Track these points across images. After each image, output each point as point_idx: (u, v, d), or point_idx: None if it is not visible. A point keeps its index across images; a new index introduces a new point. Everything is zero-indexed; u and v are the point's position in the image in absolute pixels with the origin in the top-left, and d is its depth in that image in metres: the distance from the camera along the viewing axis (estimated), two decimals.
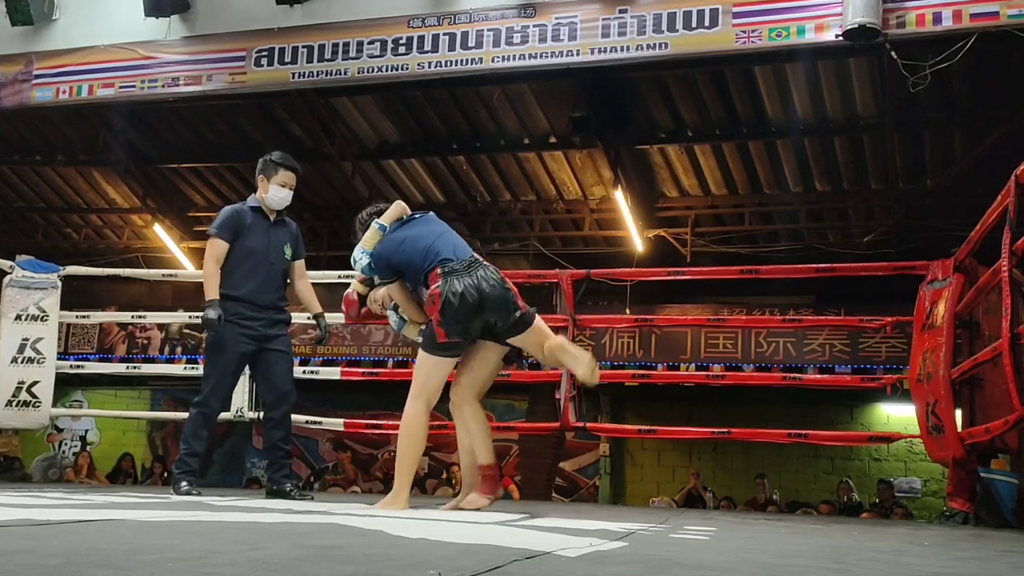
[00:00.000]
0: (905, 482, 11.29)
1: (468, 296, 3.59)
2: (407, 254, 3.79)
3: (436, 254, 3.73)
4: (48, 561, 1.45)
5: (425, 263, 3.73)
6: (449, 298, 3.57)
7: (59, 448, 13.49)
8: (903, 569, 2.10)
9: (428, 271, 3.70)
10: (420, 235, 3.84)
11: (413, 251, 3.78)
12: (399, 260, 3.83)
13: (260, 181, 4.67)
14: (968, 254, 5.18)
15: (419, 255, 3.76)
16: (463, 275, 3.65)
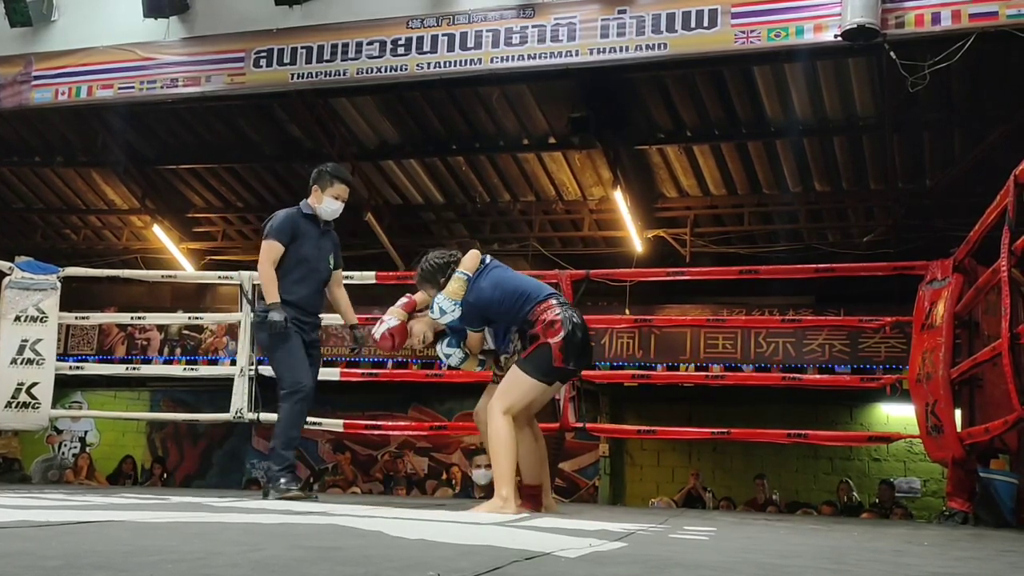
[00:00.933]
0: (905, 482, 11.29)
1: (582, 330, 3.87)
2: (498, 299, 3.92)
3: (537, 289, 3.95)
4: (47, 563, 1.45)
5: (524, 300, 3.89)
6: (574, 325, 3.81)
7: (59, 449, 13.48)
8: (903, 569, 2.10)
9: (535, 304, 3.87)
10: (504, 278, 4.02)
11: (504, 294, 3.92)
12: (492, 305, 3.94)
13: (314, 191, 4.78)
14: (967, 254, 5.18)
15: (513, 295, 3.92)
16: (574, 310, 3.92)
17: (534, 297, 3.90)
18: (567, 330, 3.77)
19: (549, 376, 3.84)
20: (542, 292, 3.94)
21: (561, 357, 3.77)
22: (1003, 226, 4.31)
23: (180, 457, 13.60)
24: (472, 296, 3.94)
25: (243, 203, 11.59)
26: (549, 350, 3.76)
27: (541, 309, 3.85)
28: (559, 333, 3.76)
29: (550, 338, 3.76)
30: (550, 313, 3.81)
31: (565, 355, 3.77)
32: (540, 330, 3.80)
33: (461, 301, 3.94)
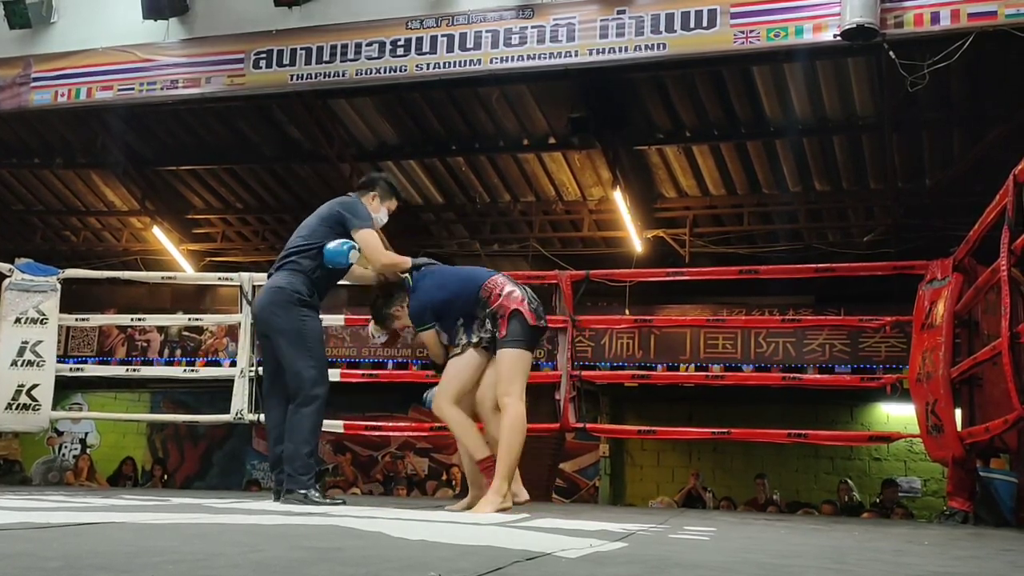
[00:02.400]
0: (905, 482, 11.30)
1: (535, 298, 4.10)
2: (453, 291, 4.12)
3: (481, 272, 4.20)
4: (48, 564, 1.45)
5: (472, 283, 4.10)
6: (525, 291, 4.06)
7: (59, 451, 13.48)
8: (903, 569, 2.10)
9: (483, 282, 4.07)
10: (445, 274, 4.28)
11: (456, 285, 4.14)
12: (449, 300, 4.12)
13: (371, 197, 4.51)
14: (967, 253, 5.18)
15: (462, 283, 4.14)
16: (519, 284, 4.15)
17: (481, 278, 4.12)
18: (525, 293, 4.03)
19: (530, 341, 4.02)
20: (485, 273, 4.18)
21: (533, 315, 3.96)
22: (1003, 225, 4.31)
23: (180, 458, 13.61)
24: (417, 297, 4.18)
25: (243, 204, 11.59)
26: (521, 314, 3.95)
27: (491, 285, 4.05)
28: (522, 300, 3.99)
29: (516, 304, 3.96)
30: (502, 286, 4.04)
31: (536, 313, 3.99)
32: (502, 302, 3.99)
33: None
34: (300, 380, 4.15)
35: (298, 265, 4.28)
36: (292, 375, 4.17)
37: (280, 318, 4.20)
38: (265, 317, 4.26)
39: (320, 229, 4.32)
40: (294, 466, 4.11)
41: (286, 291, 4.20)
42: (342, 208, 4.36)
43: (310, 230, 4.37)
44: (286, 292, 4.20)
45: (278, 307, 4.20)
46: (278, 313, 4.20)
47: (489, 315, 4.04)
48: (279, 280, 4.27)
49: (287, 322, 4.19)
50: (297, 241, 4.37)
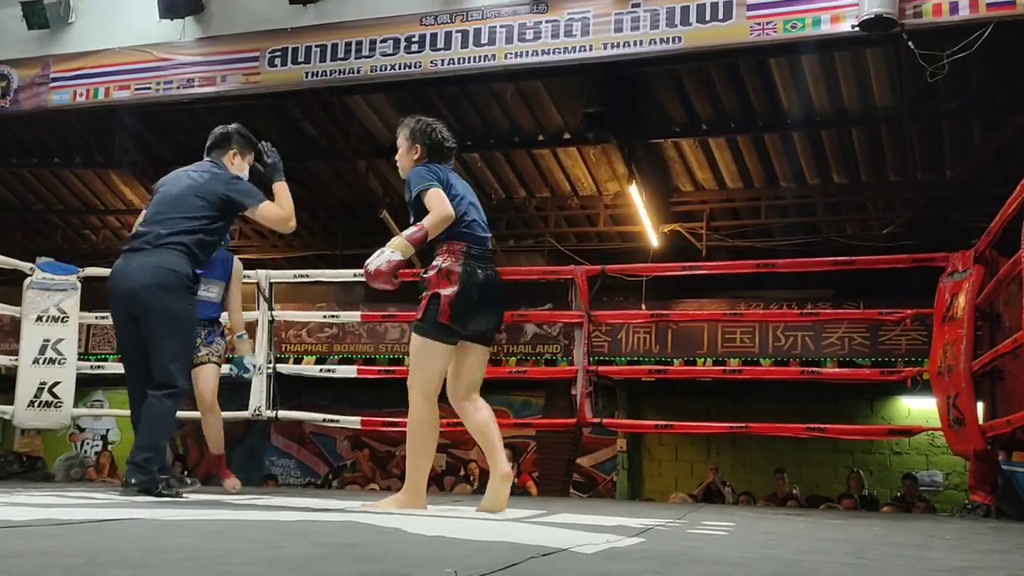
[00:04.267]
0: (927, 476, 11.22)
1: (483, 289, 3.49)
2: (453, 202, 3.54)
3: (469, 223, 3.57)
4: (69, 561, 1.46)
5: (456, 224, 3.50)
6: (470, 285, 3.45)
7: (81, 448, 13.59)
8: (924, 563, 2.09)
9: (451, 238, 3.50)
10: (460, 189, 3.65)
11: (459, 202, 3.57)
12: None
13: (232, 156, 4.41)
14: (988, 245, 5.14)
15: (459, 211, 3.54)
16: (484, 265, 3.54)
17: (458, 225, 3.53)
18: (462, 285, 3.45)
19: (444, 334, 3.50)
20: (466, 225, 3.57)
21: (449, 313, 3.43)
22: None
23: (200, 455, 13.68)
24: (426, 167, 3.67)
25: None
26: (436, 302, 3.45)
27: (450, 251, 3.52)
28: (452, 286, 3.44)
29: (442, 288, 3.44)
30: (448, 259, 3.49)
31: (455, 312, 3.43)
32: (435, 279, 3.48)
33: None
34: (169, 372, 3.87)
35: (185, 248, 3.98)
36: (163, 364, 3.87)
37: (168, 303, 3.88)
38: (148, 299, 3.88)
39: (202, 206, 4.04)
40: (145, 457, 3.83)
41: (179, 275, 3.93)
42: (227, 189, 4.11)
43: (189, 207, 4.05)
44: (179, 276, 3.92)
45: (167, 291, 3.89)
46: (166, 298, 3.88)
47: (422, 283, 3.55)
48: (168, 261, 3.93)
49: (177, 309, 3.91)
50: (175, 218, 4.03)
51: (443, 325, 3.44)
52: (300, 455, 13.16)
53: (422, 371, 3.53)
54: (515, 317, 7.97)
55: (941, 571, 1.89)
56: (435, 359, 3.51)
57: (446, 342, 3.50)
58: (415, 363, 3.56)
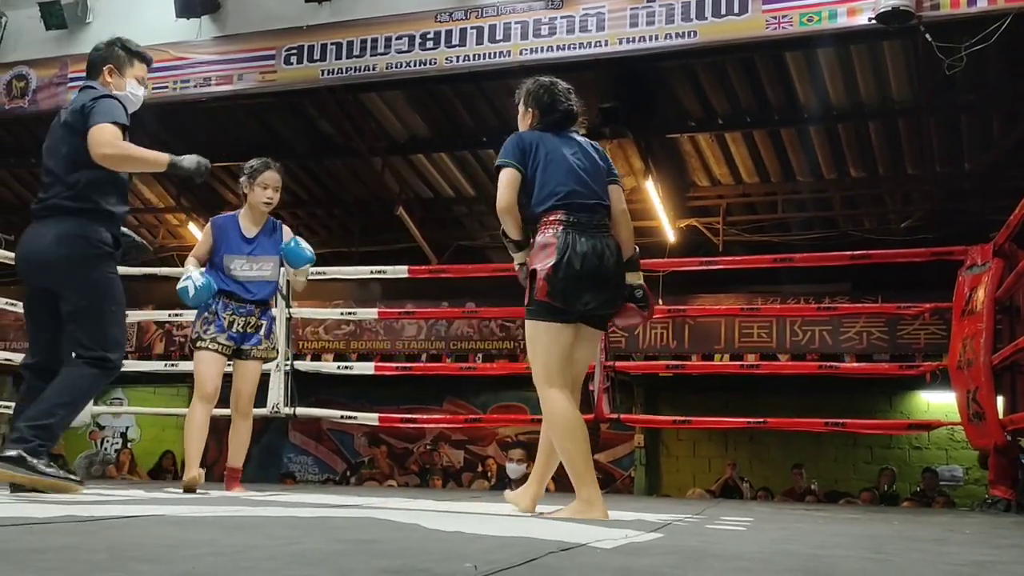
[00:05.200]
0: (947, 470, 11.15)
1: (588, 260, 3.06)
2: (548, 168, 3.22)
3: (567, 192, 3.16)
4: (92, 556, 1.47)
5: (549, 197, 3.18)
6: (570, 256, 3.05)
7: (101, 445, 13.70)
8: (943, 558, 2.08)
9: (548, 209, 3.16)
10: (559, 156, 3.25)
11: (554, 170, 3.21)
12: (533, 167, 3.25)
13: (108, 73, 3.63)
14: (1007, 238, 5.10)
15: (553, 180, 3.19)
16: (591, 234, 3.12)
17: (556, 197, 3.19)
18: (569, 250, 3.07)
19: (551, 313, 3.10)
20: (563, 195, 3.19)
21: (545, 289, 3.05)
22: None
23: (219, 452, 13.74)
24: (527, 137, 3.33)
25: None
26: (535, 280, 3.09)
27: (549, 223, 3.17)
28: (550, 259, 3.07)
29: (539, 263, 3.10)
30: (548, 231, 3.15)
31: (552, 289, 3.04)
32: (536, 254, 3.14)
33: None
34: (105, 340, 3.36)
35: (96, 204, 3.40)
36: (94, 333, 3.35)
37: (84, 274, 3.36)
38: (60, 271, 3.37)
39: (84, 146, 3.36)
40: (39, 424, 3.23)
41: (91, 241, 3.37)
42: (89, 105, 3.42)
43: (80, 153, 3.38)
44: (91, 243, 3.37)
45: (80, 262, 3.35)
46: (80, 269, 3.36)
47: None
48: (74, 227, 3.37)
49: (96, 279, 3.39)
50: (72, 170, 3.41)
51: (543, 303, 3.06)
52: (318, 452, 13.21)
53: (537, 358, 3.11)
54: None
55: (961, 566, 1.88)
56: (547, 342, 3.09)
57: (555, 320, 3.08)
58: (530, 352, 3.15)
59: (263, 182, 4.60)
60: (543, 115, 3.40)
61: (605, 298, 3.14)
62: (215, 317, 4.52)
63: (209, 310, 4.52)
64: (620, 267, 3.19)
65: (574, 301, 3.05)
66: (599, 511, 2.97)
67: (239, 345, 4.55)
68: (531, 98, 3.44)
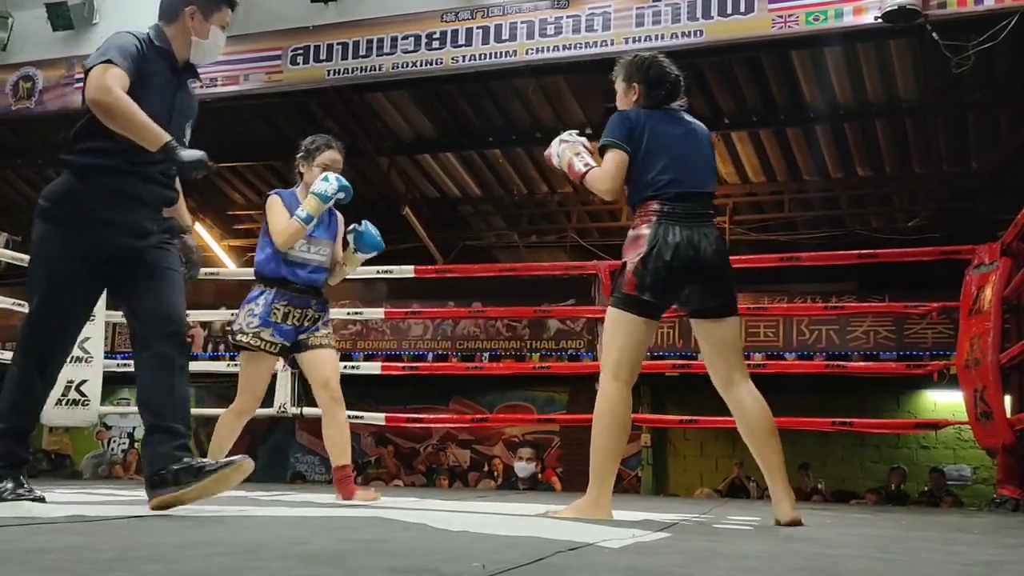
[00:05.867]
0: (955, 470, 11.12)
1: (683, 253, 2.95)
2: (651, 153, 3.08)
3: (667, 181, 3.03)
4: (100, 556, 1.47)
5: (647, 187, 3.05)
6: (662, 249, 2.94)
7: (108, 445, 13.72)
8: (952, 558, 2.07)
9: (644, 199, 3.05)
10: (665, 140, 3.11)
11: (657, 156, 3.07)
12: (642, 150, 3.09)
13: (189, 16, 3.08)
14: (1015, 237, 5.08)
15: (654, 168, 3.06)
16: (689, 225, 2.99)
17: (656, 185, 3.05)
18: (659, 242, 2.96)
19: (635, 306, 3.01)
20: (663, 184, 3.04)
21: (634, 282, 2.96)
22: None
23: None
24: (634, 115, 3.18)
25: None
26: (624, 271, 3.01)
27: (646, 212, 3.05)
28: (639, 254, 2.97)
29: (629, 257, 3.01)
30: (643, 223, 3.03)
31: (641, 281, 2.96)
32: (626, 245, 3.05)
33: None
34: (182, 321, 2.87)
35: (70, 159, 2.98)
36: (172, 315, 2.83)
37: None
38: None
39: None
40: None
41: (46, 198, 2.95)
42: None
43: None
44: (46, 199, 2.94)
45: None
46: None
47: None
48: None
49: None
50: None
51: (629, 296, 2.97)
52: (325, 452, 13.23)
53: (611, 348, 3.03)
54: (538, 313, 7.97)
55: (970, 565, 1.87)
56: (624, 334, 3.01)
57: (637, 314, 2.99)
58: (605, 339, 3.08)
59: (323, 162, 4.05)
60: (650, 90, 3.24)
61: (707, 289, 3.03)
62: (263, 308, 3.92)
63: (255, 300, 3.95)
64: (723, 257, 3.06)
65: (664, 295, 2.97)
66: (604, 512, 2.93)
67: (295, 338, 3.96)
68: (635, 73, 3.26)
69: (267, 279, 3.97)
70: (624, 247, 3.05)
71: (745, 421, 3.07)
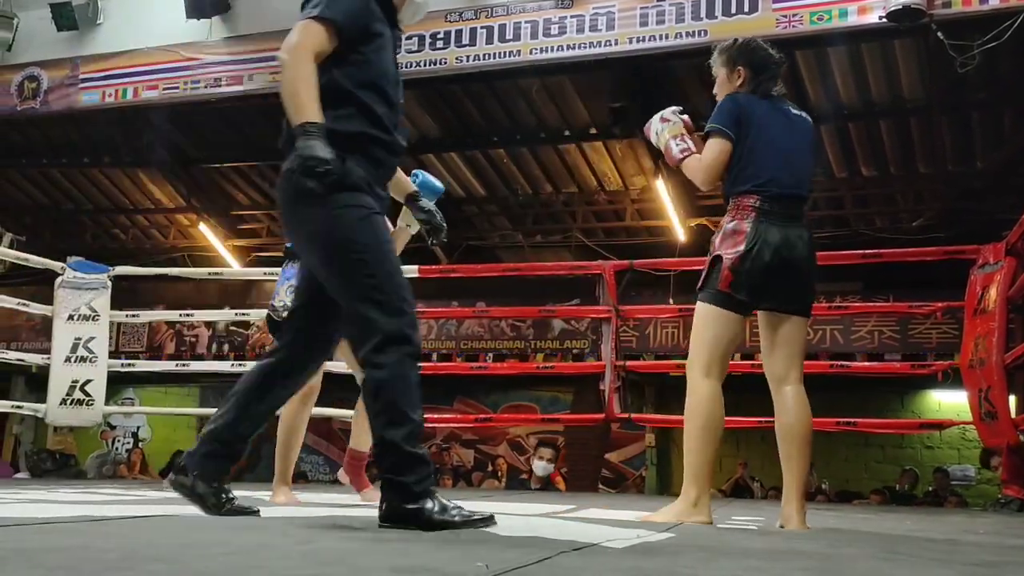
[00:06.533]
0: (959, 470, 11.11)
1: (780, 252, 2.90)
2: (754, 145, 2.99)
3: (768, 177, 2.95)
4: (105, 556, 1.48)
5: (747, 180, 2.96)
6: (761, 247, 2.88)
7: (112, 445, 13.74)
8: (957, 557, 2.07)
9: (741, 192, 2.96)
10: (772, 132, 3.05)
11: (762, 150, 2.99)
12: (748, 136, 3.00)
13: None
14: (1020, 237, 5.08)
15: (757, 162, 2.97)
16: (786, 224, 2.93)
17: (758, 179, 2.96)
18: (759, 240, 2.89)
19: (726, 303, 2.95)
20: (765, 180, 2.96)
21: (729, 279, 2.90)
22: None
23: None
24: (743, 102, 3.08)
25: None
26: (719, 267, 2.94)
27: (743, 208, 2.97)
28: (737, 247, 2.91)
29: (726, 250, 2.94)
30: (741, 218, 2.95)
31: (736, 279, 2.90)
32: (723, 239, 2.97)
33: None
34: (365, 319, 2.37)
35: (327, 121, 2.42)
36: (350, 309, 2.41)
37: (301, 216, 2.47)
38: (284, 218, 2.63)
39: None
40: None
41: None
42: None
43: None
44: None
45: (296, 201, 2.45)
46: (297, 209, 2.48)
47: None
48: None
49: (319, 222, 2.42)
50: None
51: (723, 293, 2.90)
52: (329, 452, 13.23)
53: (700, 344, 2.96)
54: (543, 312, 7.97)
55: (976, 566, 1.87)
56: (716, 331, 2.93)
57: (731, 310, 2.92)
58: (693, 333, 2.99)
59: None
60: (756, 75, 3.13)
61: (794, 290, 2.98)
62: None
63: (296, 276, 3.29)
64: (815, 260, 3.02)
65: (759, 294, 2.92)
66: (704, 515, 2.86)
67: None
68: (741, 56, 3.13)
69: None
70: (717, 239, 2.97)
71: (786, 422, 3.00)
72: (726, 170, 2.99)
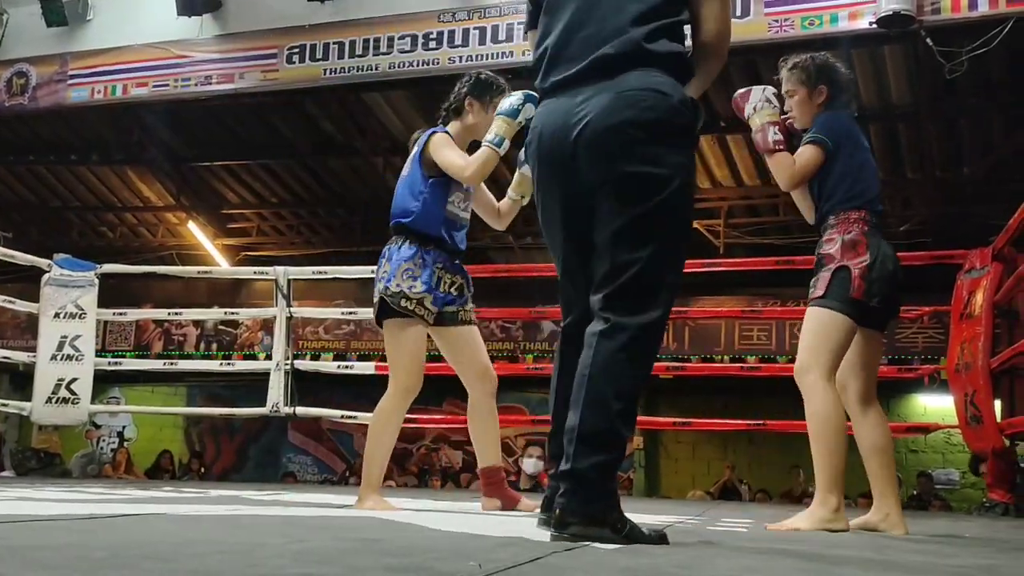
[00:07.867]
0: (943, 474, 11.16)
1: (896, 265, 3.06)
2: (862, 163, 3.09)
3: (873, 196, 3.08)
4: (94, 554, 1.47)
5: (855, 197, 3.03)
6: (882, 257, 2.99)
7: (97, 444, 13.67)
8: (946, 559, 2.08)
9: (848, 207, 3.03)
10: (862, 149, 3.13)
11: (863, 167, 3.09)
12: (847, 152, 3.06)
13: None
14: (1006, 242, 5.11)
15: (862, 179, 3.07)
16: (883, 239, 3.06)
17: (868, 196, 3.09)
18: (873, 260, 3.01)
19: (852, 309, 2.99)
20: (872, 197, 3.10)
21: (862, 287, 2.96)
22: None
23: (217, 452, 13.76)
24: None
25: (277, 199, 11.68)
26: (847, 274, 2.99)
27: (855, 220, 3.05)
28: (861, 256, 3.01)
29: (849, 259, 2.99)
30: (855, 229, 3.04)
31: (869, 287, 2.98)
32: (846, 249, 3.01)
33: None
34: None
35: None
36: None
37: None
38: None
39: None
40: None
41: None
42: None
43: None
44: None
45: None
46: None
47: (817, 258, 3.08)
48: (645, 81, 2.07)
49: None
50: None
51: (855, 300, 2.93)
52: (317, 452, 13.21)
53: (820, 348, 2.95)
54: (533, 314, 7.97)
55: (969, 569, 1.88)
56: (839, 337, 2.96)
57: (853, 317, 2.96)
58: (815, 339, 2.97)
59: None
60: (839, 92, 3.20)
61: (896, 304, 3.15)
62: (427, 272, 3.29)
63: (411, 259, 3.30)
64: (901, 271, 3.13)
65: (884, 301, 3.00)
66: (843, 523, 2.88)
67: (441, 308, 3.34)
68: (823, 75, 3.20)
69: (424, 237, 3.29)
70: (834, 250, 3.01)
71: (879, 438, 3.13)
72: (822, 181, 3.07)
